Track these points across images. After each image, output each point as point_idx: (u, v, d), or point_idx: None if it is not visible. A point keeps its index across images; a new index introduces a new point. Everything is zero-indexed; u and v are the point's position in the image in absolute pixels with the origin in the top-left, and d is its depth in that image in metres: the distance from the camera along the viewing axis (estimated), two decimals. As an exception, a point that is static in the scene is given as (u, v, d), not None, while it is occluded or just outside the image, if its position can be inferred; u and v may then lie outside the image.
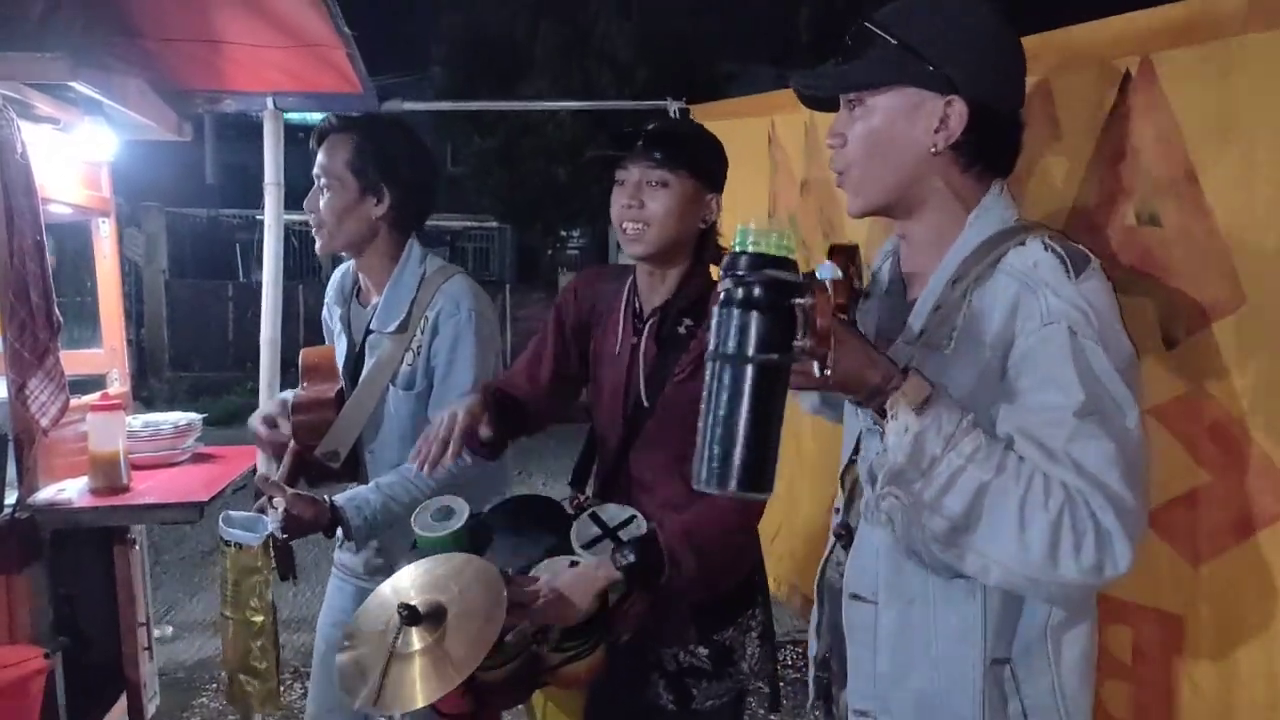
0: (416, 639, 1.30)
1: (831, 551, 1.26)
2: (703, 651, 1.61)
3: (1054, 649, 1.07)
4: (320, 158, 1.86)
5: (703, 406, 0.90)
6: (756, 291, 0.89)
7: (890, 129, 1.08)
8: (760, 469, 0.88)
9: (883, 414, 0.97)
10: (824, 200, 2.04)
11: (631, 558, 1.43)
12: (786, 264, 0.90)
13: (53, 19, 2.05)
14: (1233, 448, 1.19)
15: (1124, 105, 1.33)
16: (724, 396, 0.89)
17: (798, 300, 0.89)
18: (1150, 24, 1.31)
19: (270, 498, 1.72)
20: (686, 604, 1.58)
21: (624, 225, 1.59)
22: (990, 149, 1.10)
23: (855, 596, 1.16)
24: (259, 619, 1.67)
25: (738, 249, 0.91)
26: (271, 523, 1.68)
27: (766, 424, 0.89)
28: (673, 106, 2.88)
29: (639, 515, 1.53)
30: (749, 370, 0.88)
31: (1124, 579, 0.95)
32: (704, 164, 1.61)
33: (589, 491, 1.76)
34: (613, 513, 1.56)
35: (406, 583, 1.40)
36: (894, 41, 1.07)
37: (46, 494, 1.99)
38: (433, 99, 14.00)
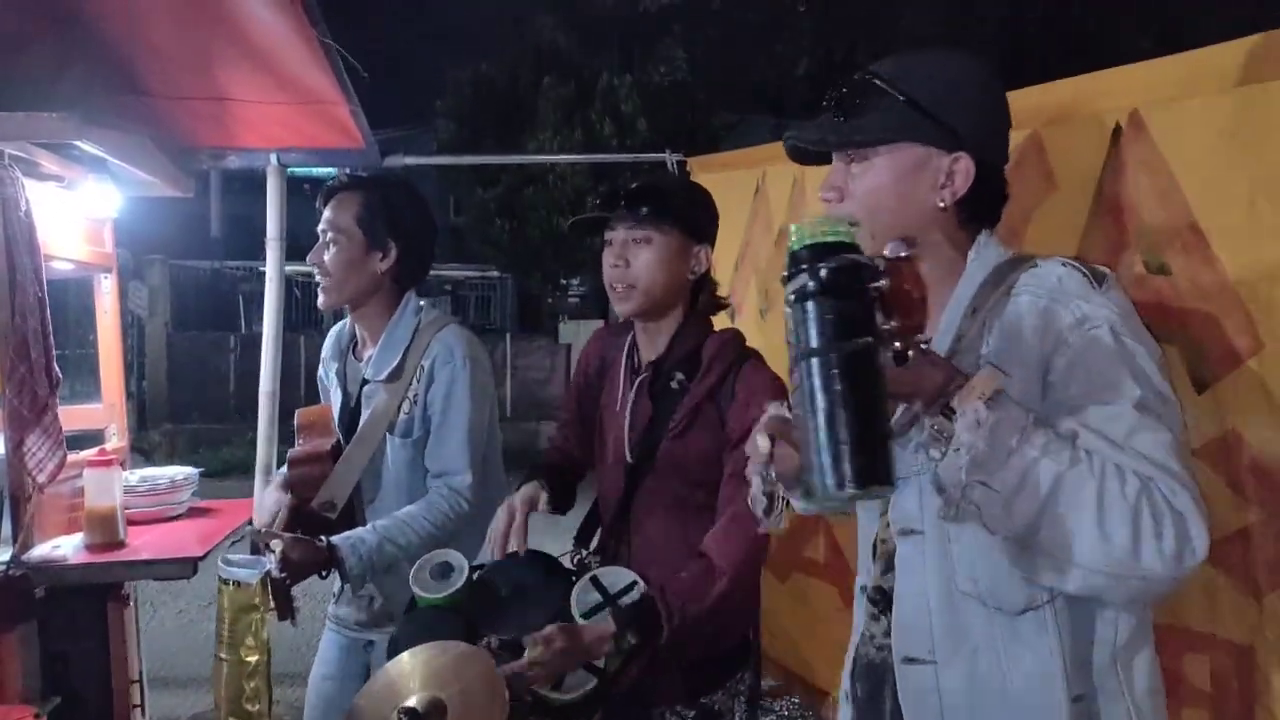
0: None
1: (861, 629, 1.20)
2: (690, 714, 1.58)
3: (1125, 676, 1.04)
4: (327, 213, 1.90)
5: (799, 412, 0.84)
6: (831, 276, 0.82)
7: (896, 185, 1.08)
8: (877, 461, 0.82)
9: (947, 414, 0.93)
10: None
11: (634, 641, 1.41)
12: (852, 248, 0.85)
13: (61, 75, 2.09)
14: (1273, 486, 1.21)
15: (1117, 158, 1.35)
16: (820, 395, 0.82)
17: (874, 284, 0.84)
18: (1137, 79, 1.34)
19: (267, 544, 1.71)
20: (678, 666, 1.55)
21: (613, 285, 1.61)
22: (989, 203, 1.12)
23: (909, 660, 1.09)
24: (254, 659, 1.64)
25: (795, 246, 0.86)
26: (269, 562, 1.67)
27: (873, 413, 0.82)
28: (671, 159, 2.92)
29: (640, 581, 1.51)
30: (841, 360, 0.81)
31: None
32: (688, 216, 1.62)
33: (592, 547, 1.74)
34: (614, 578, 1.53)
35: (407, 671, 1.38)
36: (901, 98, 1.07)
37: (41, 551, 1.97)
38: (436, 151, 14.21)
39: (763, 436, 1.03)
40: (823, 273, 0.83)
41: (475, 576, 1.62)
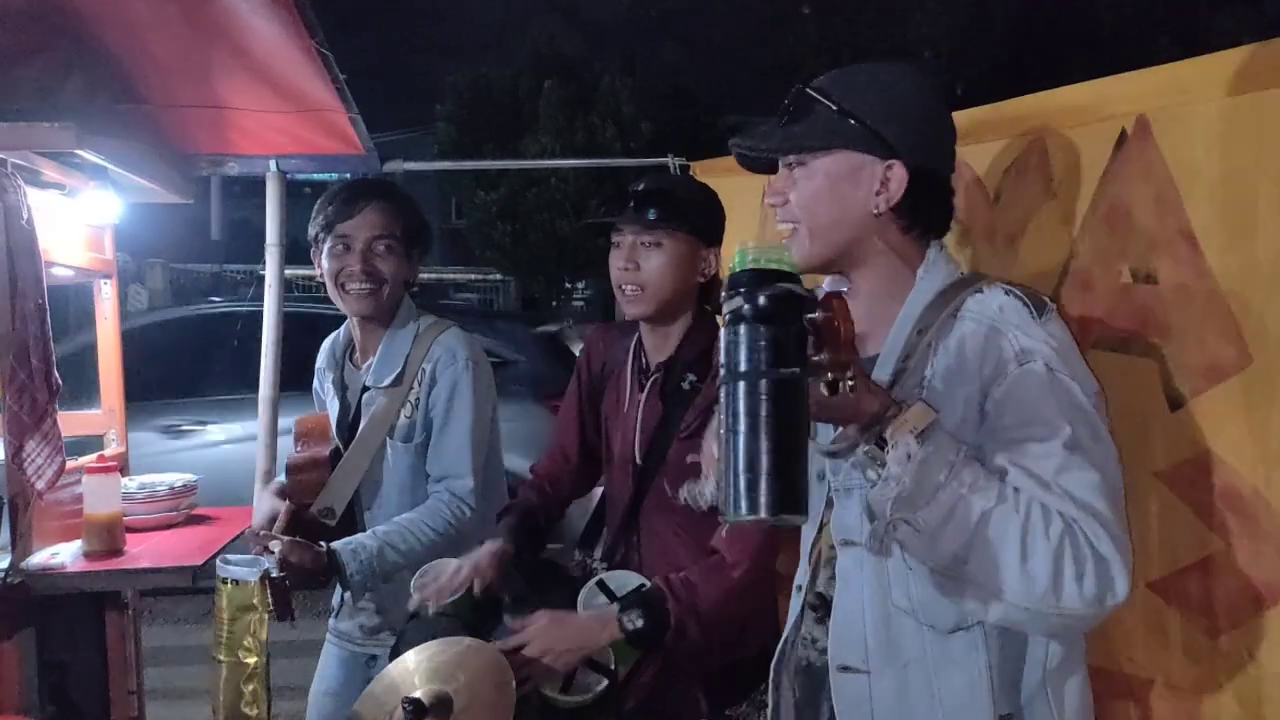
0: None
1: (799, 628, 1.22)
2: None
3: (1055, 696, 1.07)
4: (375, 218, 1.87)
5: (721, 433, 0.85)
6: (768, 304, 0.84)
7: (832, 191, 1.12)
8: (791, 490, 0.83)
9: (880, 444, 0.96)
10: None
11: (640, 622, 1.41)
12: (791, 277, 0.87)
13: (62, 84, 2.09)
14: (1246, 513, 1.16)
15: (1119, 163, 1.33)
16: (744, 418, 0.83)
17: (810, 314, 0.86)
18: (1147, 83, 1.33)
19: (266, 545, 1.71)
20: (698, 676, 1.54)
21: (622, 287, 1.60)
22: (928, 211, 1.15)
23: (845, 668, 1.12)
24: (252, 660, 1.63)
25: (736, 268, 0.88)
26: (268, 561, 1.67)
27: (794, 442, 0.83)
28: (674, 163, 2.92)
29: (648, 583, 1.51)
30: (769, 386, 0.83)
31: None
32: (698, 219, 1.62)
33: (597, 554, 1.74)
34: (621, 581, 1.53)
35: (411, 668, 1.38)
36: (834, 107, 1.11)
37: (39, 558, 1.97)
38: (436, 154, 14.23)
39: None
40: (759, 299, 0.84)
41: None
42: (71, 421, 2.22)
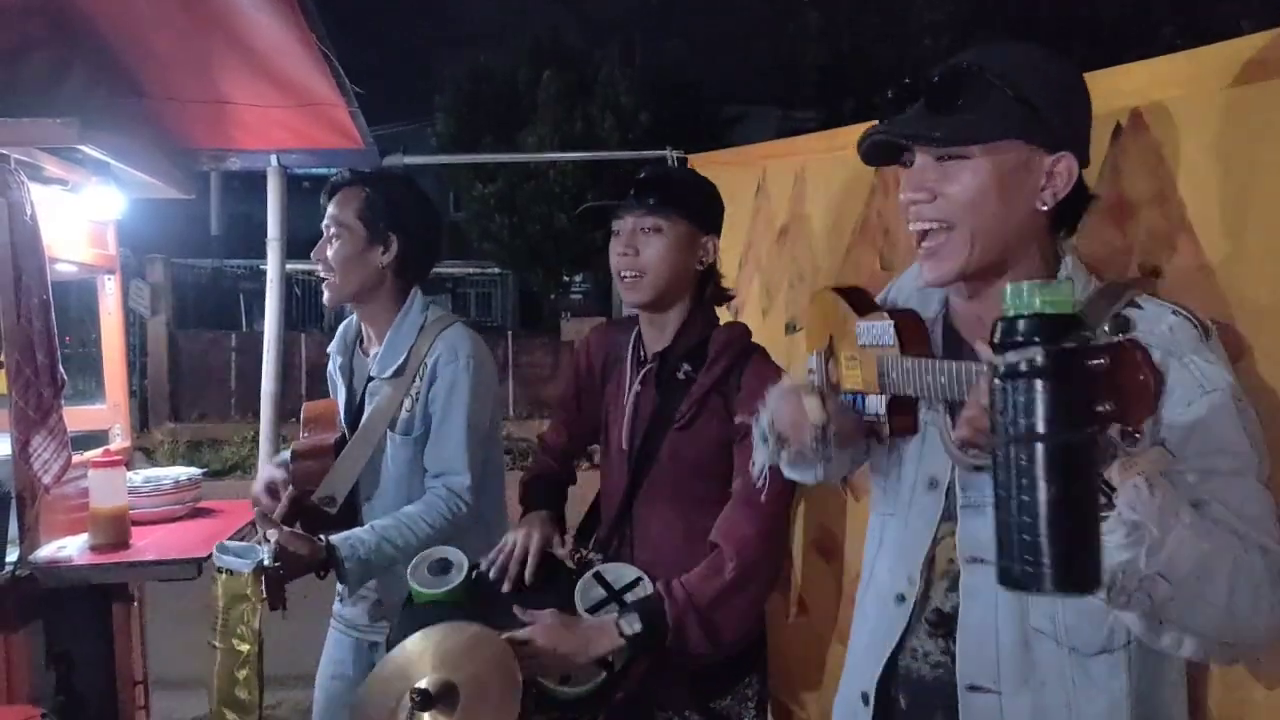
0: None
1: (904, 641, 1.16)
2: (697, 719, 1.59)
3: (1179, 711, 1.06)
4: (331, 209, 1.92)
5: (998, 494, 0.76)
6: (1058, 360, 0.72)
7: (1001, 186, 1.02)
8: (1082, 562, 0.74)
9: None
10: (800, 247, 2.06)
11: (638, 627, 1.42)
12: (1072, 321, 0.75)
13: (63, 80, 2.10)
14: None
15: (1117, 156, 1.34)
16: (1023, 484, 0.73)
17: (1094, 362, 0.73)
18: (1142, 76, 1.33)
19: (265, 531, 1.72)
20: (685, 668, 1.55)
21: (621, 273, 1.62)
22: (1075, 207, 1.08)
23: (974, 688, 1.07)
24: (245, 648, 1.64)
25: (1011, 312, 0.76)
26: (264, 551, 1.68)
27: (1079, 510, 0.74)
28: (671, 156, 2.92)
29: (645, 577, 1.52)
30: (1049, 452, 0.73)
31: None
32: (697, 206, 1.63)
33: (592, 545, 1.75)
34: (618, 574, 1.54)
35: (417, 653, 1.37)
36: (1009, 91, 1.01)
37: (47, 552, 1.99)
38: (435, 145, 14.18)
39: (812, 400, 1.01)
40: (1047, 353, 0.72)
41: (475, 574, 1.63)
42: (77, 416, 2.23)
